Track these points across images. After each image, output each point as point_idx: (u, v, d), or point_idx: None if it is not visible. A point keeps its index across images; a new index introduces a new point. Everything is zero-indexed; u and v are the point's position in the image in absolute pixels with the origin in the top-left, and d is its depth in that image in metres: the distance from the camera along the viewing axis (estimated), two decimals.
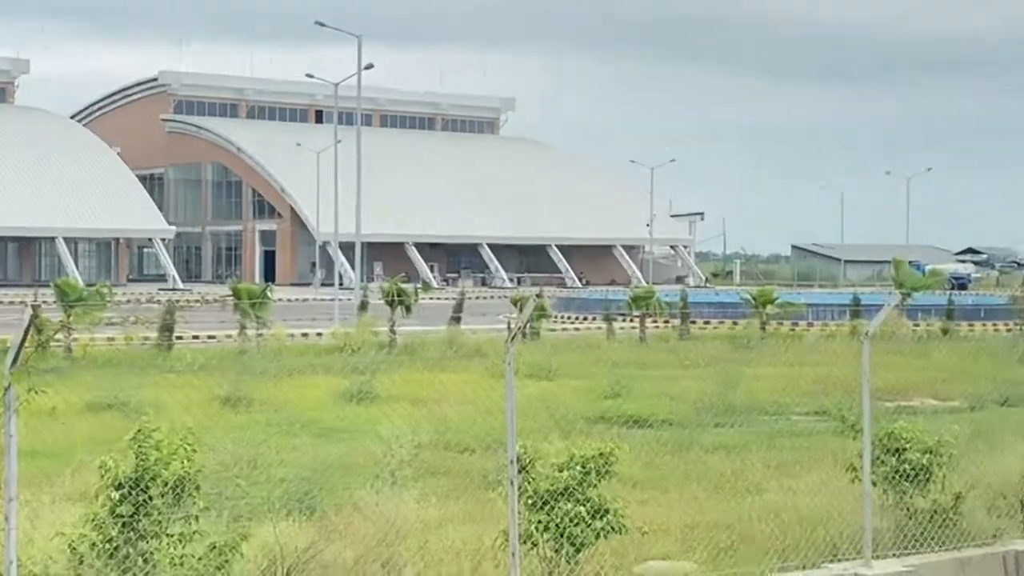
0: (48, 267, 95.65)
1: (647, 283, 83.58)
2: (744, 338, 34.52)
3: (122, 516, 8.11)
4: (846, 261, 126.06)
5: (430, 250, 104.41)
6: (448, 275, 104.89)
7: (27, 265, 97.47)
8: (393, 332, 33.78)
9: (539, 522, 9.83)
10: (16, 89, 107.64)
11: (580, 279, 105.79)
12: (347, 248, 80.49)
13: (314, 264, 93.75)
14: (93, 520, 8.21)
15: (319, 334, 40.02)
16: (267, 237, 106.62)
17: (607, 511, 9.96)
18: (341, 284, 66.50)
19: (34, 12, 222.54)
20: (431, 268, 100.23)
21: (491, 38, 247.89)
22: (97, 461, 8.36)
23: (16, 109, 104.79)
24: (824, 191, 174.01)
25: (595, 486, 10.00)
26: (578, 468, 9.99)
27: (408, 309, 35.63)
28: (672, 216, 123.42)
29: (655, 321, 41.45)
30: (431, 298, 54.28)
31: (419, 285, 40.45)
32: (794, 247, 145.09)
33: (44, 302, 35.49)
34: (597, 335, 39.74)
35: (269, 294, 34.17)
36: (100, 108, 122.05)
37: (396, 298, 34.98)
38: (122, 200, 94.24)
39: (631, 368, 25.39)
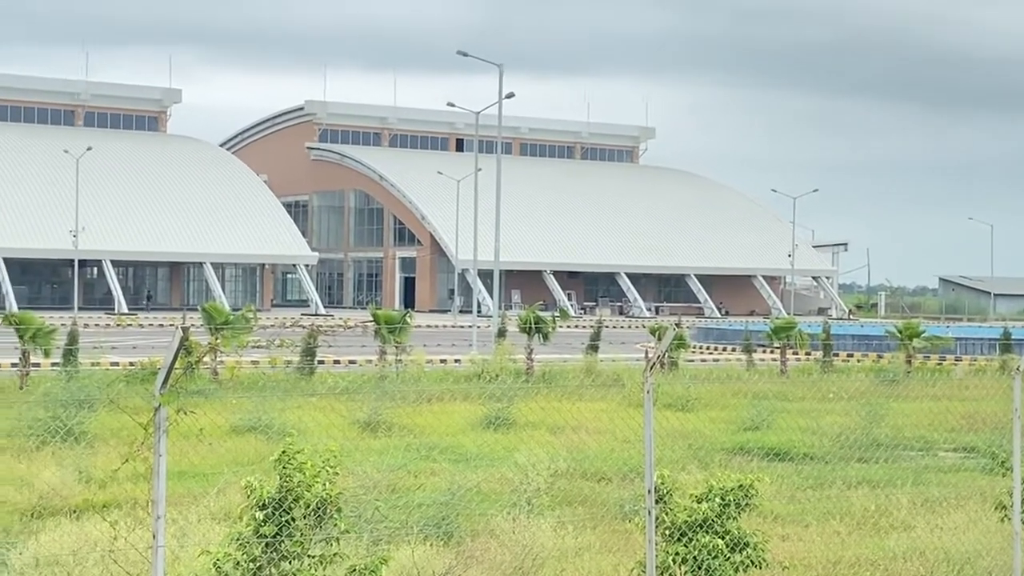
0: (196, 291, 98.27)
1: (788, 314, 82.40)
2: (889, 372, 33.75)
3: (266, 536, 8.23)
4: (996, 294, 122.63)
5: (568, 278, 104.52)
6: (586, 304, 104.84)
7: (176, 289, 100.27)
8: (530, 360, 33.81)
9: (676, 554, 9.72)
10: (168, 118, 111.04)
11: (719, 309, 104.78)
12: (486, 275, 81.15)
13: (452, 291, 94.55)
14: (237, 539, 8.34)
15: (457, 361, 40.31)
16: (407, 264, 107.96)
17: (747, 544, 9.81)
18: (479, 311, 66.95)
19: (186, 43, 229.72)
20: (569, 296, 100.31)
21: (633, 68, 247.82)
22: (242, 481, 8.51)
23: (168, 137, 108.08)
24: (973, 222, 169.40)
25: (735, 519, 9.86)
26: (717, 500, 9.86)
27: (545, 337, 35.61)
28: (815, 246, 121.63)
29: (796, 353, 40.80)
30: (568, 327, 54.29)
31: (556, 313, 40.38)
32: (941, 279, 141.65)
33: (192, 325, 36.37)
34: (736, 366, 39.28)
35: (409, 320, 34.46)
36: (248, 136, 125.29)
37: (533, 326, 35.01)
38: (268, 226, 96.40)
39: (771, 400, 24.99)
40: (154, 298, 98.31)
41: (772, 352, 40.97)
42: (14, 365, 29.90)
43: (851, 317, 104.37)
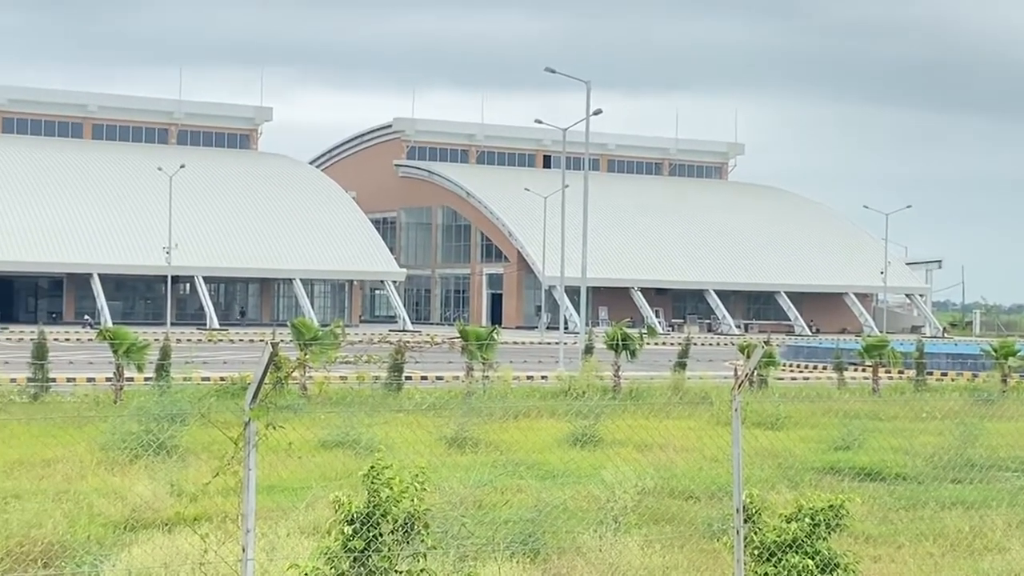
0: (286, 307, 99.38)
1: (880, 332, 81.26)
2: (984, 391, 33.11)
3: (354, 551, 8.28)
4: None
5: (656, 295, 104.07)
6: (674, 321, 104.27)
7: (266, 305, 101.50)
8: (617, 377, 33.67)
9: (765, 574, 9.62)
10: (259, 136, 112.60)
11: (810, 327, 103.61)
12: (573, 292, 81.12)
13: (539, 307, 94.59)
14: (326, 553, 8.40)
15: (544, 377, 40.28)
16: (494, 280, 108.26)
17: (837, 565, 9.68)
18: (566, 328, 66.88)
19: (277, 62, 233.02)
20: (656, 313, 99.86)
21: (722, 84, 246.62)
22: (331, 496, 8.57)
23: (259, 155, 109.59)
24: None
25: (825, 539, 9.73)
26: (807, 520, 9.74)
27: (633, 354, 35.41)
28: (908, 264, 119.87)
29: (889, 372, 40.18)
30: (656, 344, 54.01)
31: (644, 330, 40.12)
32: None
33: (281, 341, 36.71)
34: (827, 385, 38.81)
35: (495, 336, 34.48)
36: (337, 153, 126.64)
37: (621, 343, 34.84)
38: (357, 243, 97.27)
39: (863, 419, 24.61)
40: (247, 314, 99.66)
41: (864, 370, 40.40)
42: (108, 379, 30.44)
43: (945, 335, 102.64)
